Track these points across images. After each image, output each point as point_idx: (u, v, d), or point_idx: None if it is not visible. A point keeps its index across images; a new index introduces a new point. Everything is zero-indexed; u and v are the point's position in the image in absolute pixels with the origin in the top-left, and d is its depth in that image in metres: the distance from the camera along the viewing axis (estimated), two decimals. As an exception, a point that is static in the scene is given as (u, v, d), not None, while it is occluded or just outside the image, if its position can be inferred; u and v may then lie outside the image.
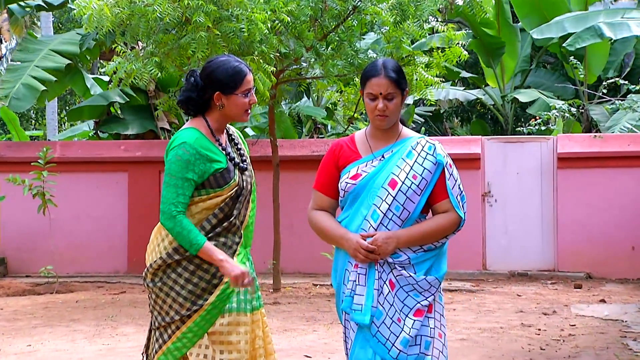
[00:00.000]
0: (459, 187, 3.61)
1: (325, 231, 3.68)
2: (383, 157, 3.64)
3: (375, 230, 3.56)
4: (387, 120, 3.60)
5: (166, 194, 3.59)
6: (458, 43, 9.99)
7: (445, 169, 3.58)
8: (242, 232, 3.74)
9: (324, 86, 12.44)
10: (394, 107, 3.58)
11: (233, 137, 3.87)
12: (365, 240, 3.55)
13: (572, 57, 13.62)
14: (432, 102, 10.18)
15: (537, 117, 14.11)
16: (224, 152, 3.71)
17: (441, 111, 20.46)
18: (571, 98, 17.40)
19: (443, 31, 9.78)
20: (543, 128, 10.99)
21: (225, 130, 3.82)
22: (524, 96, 15.88)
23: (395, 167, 3.58)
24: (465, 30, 15.27)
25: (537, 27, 15.50)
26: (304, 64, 10.51)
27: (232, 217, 3.68)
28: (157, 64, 8.77)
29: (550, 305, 9.45)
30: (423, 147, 3.61)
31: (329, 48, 9.87)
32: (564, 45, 13.99)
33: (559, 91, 17.36)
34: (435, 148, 3.60)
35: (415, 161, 3.57)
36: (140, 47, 11.93)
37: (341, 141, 3.79)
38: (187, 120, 15.15)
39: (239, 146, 3.85)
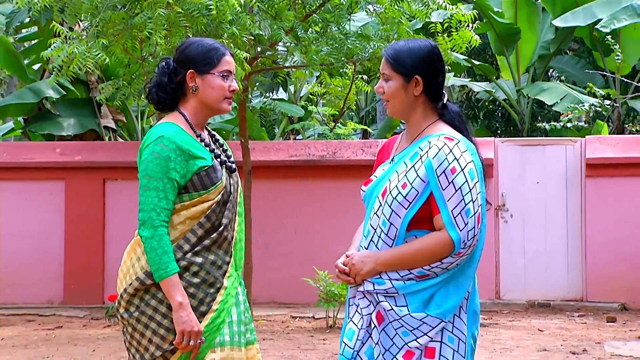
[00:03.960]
0: (463, 200, 3.47)
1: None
2: (393, 159, 3.69)
3: (365, 248, 3.61)
4: (389, 106, 3.69)
5: (145, 200, 3.63)
6: (468, 26, 10.04)
7: (445, 174, 3.47)
8: (232, 249, 3.77)
9: (303, 75, 12.46)
10: (389, 91, 3.64)
11: (216, 137, 3.91)
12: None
13: (605, 40, 13.74)
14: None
15: (564, 115, 14.20)
16: (207, 148, 3.74)
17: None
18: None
19: (451, 11, 9.82)
20: (569, 125, 11.03)
21: (207, 129, 3.86)
22: (547, 95, 15.86)
23: (394, 173, 3.61)
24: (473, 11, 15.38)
25: (561, 9, 15.66)
26: (281, 51, 10.52)
27: (222, 227, 3.70)
28: (105, 47, 8.73)
29: (579, 342, 9.52)
30: (430, 148, 3.55)
31: (311, 31, 9.89)
32: (597, 27, 14.12)
33: (586, 81, 17.48)
34: (431, 148, 3.53)
35: (413, 166, 3.55)
36: (81, 28, 11.89)
37: (390, 139, 3.89)
38: (136, 118, 14.90)
39: (225, 147, 3.89)
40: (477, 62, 17.07)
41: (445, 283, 3.52)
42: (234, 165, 3.83)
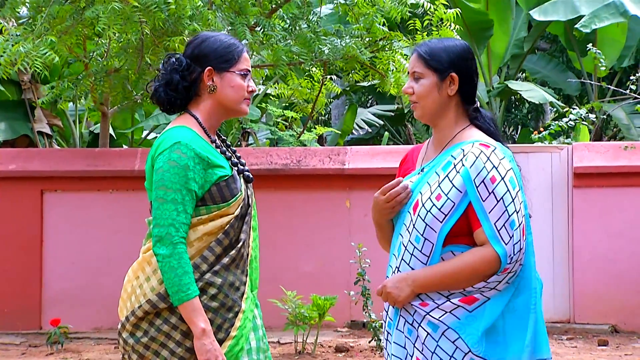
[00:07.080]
0: (506, 211, 3.48)
1: None
2: (423, 170, 3.68)
3: (398, 268, 3.58)
4: (418, 108, 3.66)
5: (162, 214, 3.53)
6: (450, 25, 10.10)
7: (484, 184, 3.48)
8: (247, 268, 3.72)
9: (261, 75, 12.33)
10: (421, 90, 3.63)
11: (227, 142, 3.86)
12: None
13: (587, 49, 13.77)
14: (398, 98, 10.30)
15: (540, 129, 14.23)
16: (224, 155, 3.69)
17: (405, 111, 20.44)
18: (576, 94, 17.68)
19: (431, 9, 9.86)
20: (554, 143, 10.99)
21: (218, 134, 3.81)
22: (516, 86, 16.06)
23: (425, 185, 3.60)
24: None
25: (535, 2, 15.68)
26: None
27: (240, 244, 3.63)
28: (53, 44, 8.57)
29: (573, 367, 9.47)
30: (464, 156, 3.54)
31: (278, 28, 9.82)
32: (577, 26, 14.14)
33: (560, 84, 17.59)
34: (467, 156, 3.53)
35: (447, 176, 3.54)
36: (13, 24, 11.64)
37: (413, 147, 3.90)
38: (73, 122, 14.50)
39: (237, 153, 3.84)
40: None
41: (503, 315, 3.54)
42: (251, 175, 3.78)
